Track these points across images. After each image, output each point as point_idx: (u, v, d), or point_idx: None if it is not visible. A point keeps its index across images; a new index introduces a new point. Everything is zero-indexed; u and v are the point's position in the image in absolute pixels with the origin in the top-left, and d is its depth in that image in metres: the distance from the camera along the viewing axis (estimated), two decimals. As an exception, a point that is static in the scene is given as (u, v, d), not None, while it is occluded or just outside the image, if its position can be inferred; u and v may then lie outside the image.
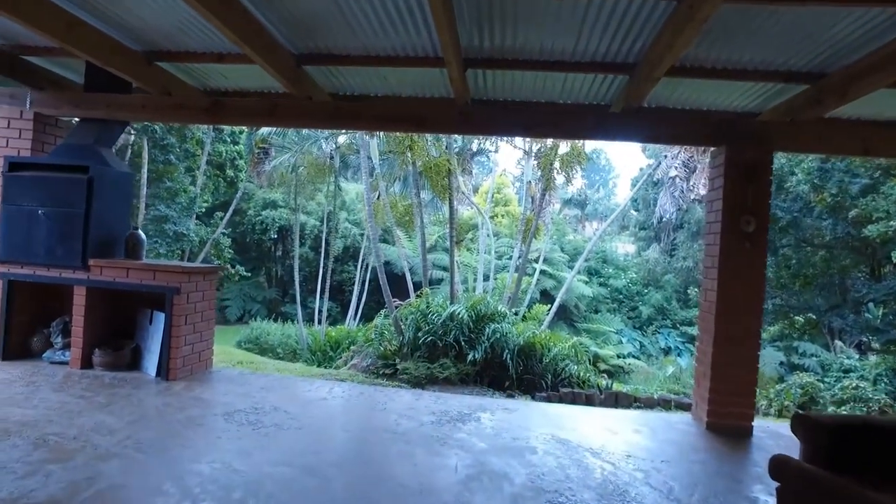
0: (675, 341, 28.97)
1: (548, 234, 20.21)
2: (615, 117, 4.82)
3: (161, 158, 15.30)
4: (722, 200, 4.41)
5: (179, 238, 15.45)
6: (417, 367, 7.09)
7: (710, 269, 4.55)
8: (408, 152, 7.99)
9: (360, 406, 4.56)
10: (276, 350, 18.06)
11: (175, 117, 5.78)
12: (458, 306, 7.64)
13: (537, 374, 7.47)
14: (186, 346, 5.01)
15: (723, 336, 4.36)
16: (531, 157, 11.79)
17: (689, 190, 14.73)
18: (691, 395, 7.83)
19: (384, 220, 13.42)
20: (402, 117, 5.23)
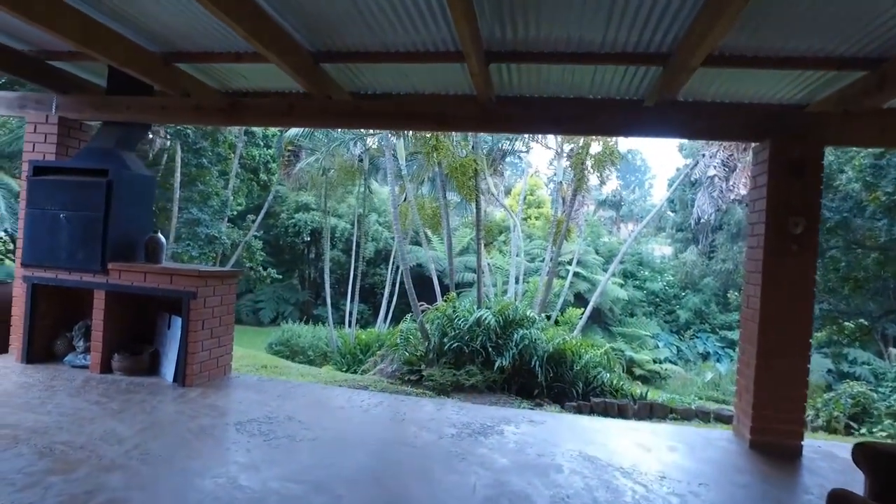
0: (714, 346, 28.03)
1: (581, 235, 19.73)
2: (649, 112, 4.52)
3: (194, 162, 15.54)
4: (766, 199, 4.06)
5: (212, 241, 15.64)
6: (443, 374, 6.88)
7: (753, 273, 4.20)
8: (433, 153, 7.80)
9: (379, 416, 4.37)
10: (306, 352, 18.12)
11: (194, 119, 5.73)
12: (485, 311, 7.40)
13: (567, 383, 7.17)
14: (203, 352, 4.92)
15: (767, 346, 4.01)
16: (562, 156, 11.45)
17: (728, 190, 14.10)
18: (732, 407, 7.40)
19: (412, 222, 13.28)
20: (424, 115, 5.04)
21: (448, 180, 8.57)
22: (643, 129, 4.59)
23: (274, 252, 30.29)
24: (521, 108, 4.80)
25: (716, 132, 4.56)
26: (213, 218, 15.96)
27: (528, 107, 4.80)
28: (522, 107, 4.81)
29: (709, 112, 4.53)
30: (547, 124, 4.76)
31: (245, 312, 29.08)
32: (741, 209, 29.64)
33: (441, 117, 4.94)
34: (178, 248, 15.12)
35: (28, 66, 5.17)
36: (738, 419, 4.31)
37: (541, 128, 5.01)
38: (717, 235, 32.05)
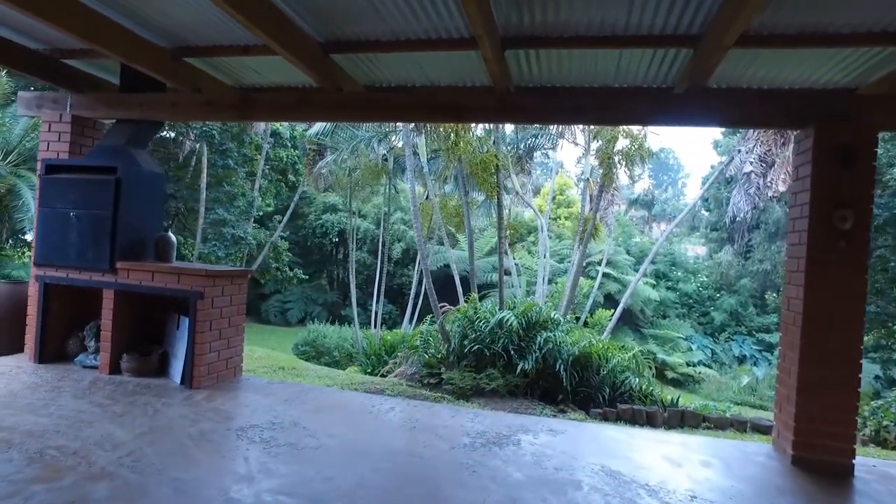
0: (751, 349, 27.08)
1: (611, 235, 19.21)
2: (678, 99, 4.19)
3: (220, 163, 15.65)
4: (809, 191, 3.70)
5: (238, 241, 15.73)
6: (463, 378, 6.63)
7: (795, 273, 3.83)
8: (453, 148, 7.54)
9: (390, 423, 4.15)
10: (332, 353, 18.10)
11: (205, 115, 5.60)
12: (507, 313, 7.11)
13: (594, 387, 6.83)
14: (211, 354, 4.78)
15: (812, 353, 3.65)
16: (589, 153, 11.07)
17: (766, 186, 13.44)
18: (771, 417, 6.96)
19: (436, 221, 13.08)
20: (438, 107, 4.80)
21: (469, 178, 8.32)
22: (673, 118, 4.26)
23: (302, 253, 30.56)
24: (541, 98, 4.51)
25: (753, 119, 4.19)
26: (238, 218, 16.05)
27: (548, 96, 4.51)
28: (542, 96, 4.52)
29: (745, 97, 4.16)
30: (568, 113, 4.46)
31: (273, 313, 29.41)
32: (780, 207, 28.57)
33: (457, 108, 4.70)
34: (204, 249, 15.25)
35: (42, 64, 5.13)
36: (779, 432, 3.94)
37: (562, 117, 4.70)
38: (754, 235, 30.96)
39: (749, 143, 13.47)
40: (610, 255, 23.38)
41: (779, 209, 28.48)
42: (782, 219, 29.42)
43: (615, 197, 16.84)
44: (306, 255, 30.45)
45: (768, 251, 29.07)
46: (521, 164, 16.12)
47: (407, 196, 18.09)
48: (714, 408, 6.85)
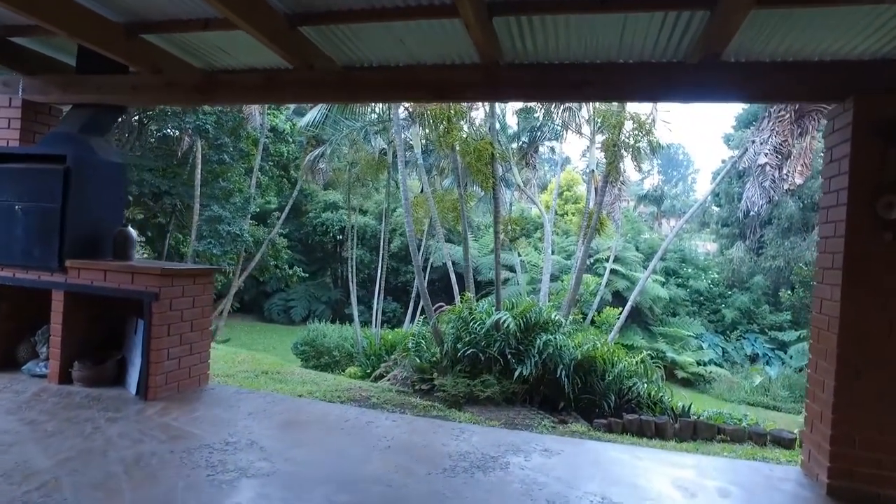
0: (763, 348, 26.36)
1: (619, 231, 18.60)
2: (692, 71, 3.65)
3: (215, 158, 15.23)
4: (848, 175, 3.15)
5: (234, 239, 15.31)
6: (456, 384, 6.12)
7: (829, 270, 3.29)
8: (445, 136, 7.02)
9: (363, 441, 3.65)
10: (332, 353, 17.67)
11: (167, 98, 5.13)
12: (504, 314, 6.58)
13: (598, 394, 6.30)
14: (170, 361, 4.31)
15: (851, 364, 3.11)
16: (594, 145, 10.50)
17: (781, 179, 12.80)
18: (786, 421, 6.40)
19: (428, 215, 12.60)
20: (420, 85, 4.28)
21: (466, 170, 7.79)
22: (687, 92, 3.72)
23: (305, 250, 30.22)
24: (534, 73, 3.97)
25: (780, 92, 3.62)
26: (235, 215, 15.63)
27: (541, 71, 3.98)
28: (535, 71, 3.98)
29: (769, 68, 3.60)
30: (563, 89, 3.93)
31: (276, 311, 29.13)
32: (793, 202, 27.76)
33: (441, 86, 4.18)
34: (200, 247, 14.84)
35: (-12, 43, 4.68)
36: (810, 455, 3.40)
37: (556, 93, 4.17)
38: (767, 230, 30.16)
39: (763, 133, 12.84)
40: (618, 251, 22.71)
41: (792, 204, 27.69)
42: (796, 214, 28.62)
43: (622, 192, 16.25)
44: (309, 253, 30.13)
45: (781, 247, 28.28)
46: (526, 157, 15.55)
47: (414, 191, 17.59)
48: (729, 416, 6.31)
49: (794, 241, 28.12)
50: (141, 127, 17.49)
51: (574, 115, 10.84)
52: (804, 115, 12.67)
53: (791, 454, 4.93)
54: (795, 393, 22.02)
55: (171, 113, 13.99)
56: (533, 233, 29.48)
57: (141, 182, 14.74)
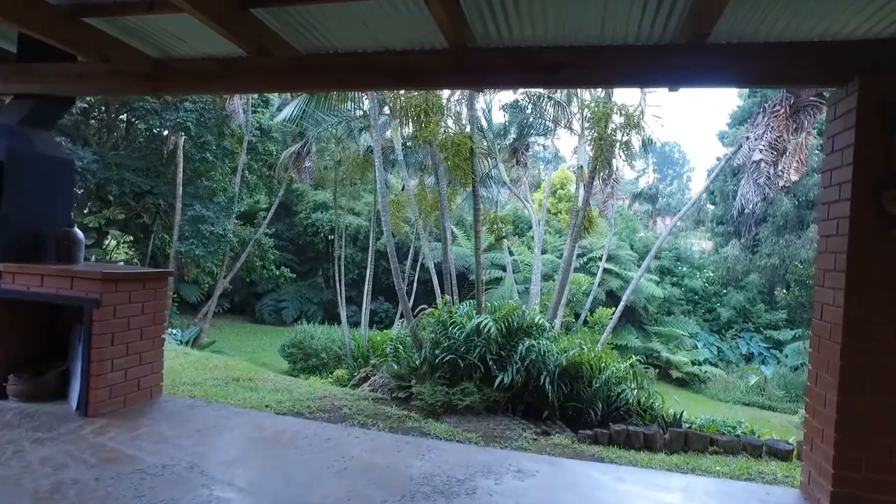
0: (759, 347, 26.12)
1: (612, 229, 18.28)
2: (677, 54, 3.32)
3: (198, 157, 14.84)
4: (852, 167, 2.82)
5: (218, 239, 14.93)
6: (434, 393, 5.78)
7: (831, 272, 2.96)
8: (422, 129, 6.67)
9: (316, 462, 3.31)
10: (319, 355, 17.32)
11: (116, 87, 4.76)
12: (485, 318, 6.23)
13: (585, 402, 5.97)
14: (115, 373, 3.95)
15: (856, 376, 2.78)
16: (584, 139, 10.15)
17: (776, 176, 12.51)
18: (788, 440, 6.08)
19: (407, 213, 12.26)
20: (384, 70, 3.93)
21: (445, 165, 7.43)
22: (671, 76, 3.38)
23: (296, 251, 29.85)
24: (506, 57, 3.63)
25: (775, 74, 3.27)
26: (219, 215, 15.24)
27: (514, 55, 3.63)
28: (507, 55, 3.64)
29: (764, 48, 3.26)
30: (538, 74, 3.57)
31: (267, 312, 28.74)
32: (788, 199, 27.52)
33: (405, 72, 3.84)
34: (182, 247, 14.45)
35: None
36: (810, 477, 3.08)
37: (530, 78, 3.81)
38: (762, 228, 29.93)
39: (758, 129, 12.54)
40: (612, 250, 22.38)
41: (787, 201, 27.48)
42: (791, 211, 28.40)
43: (615, 189, 15.93)
44: (300, 254, 29.80)
45: (776, 245, 28.06)
46: (517, 155, 15.21)
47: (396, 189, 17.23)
48: (723, 424, 6.00)
49: (790, 239, 27.88)
50: (129, 126, 17.11)
51: (563, 110, 10.48)
52: (799, 110, 12.40)
53: (789, 467, 4.61)
54: (791, 392, 21.79)
55: (151, 110, 13.61)
56: (526, 231, 29.19)
57: (122, 181, 14.35)
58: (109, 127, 16.28)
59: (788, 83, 5.88)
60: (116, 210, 14.84)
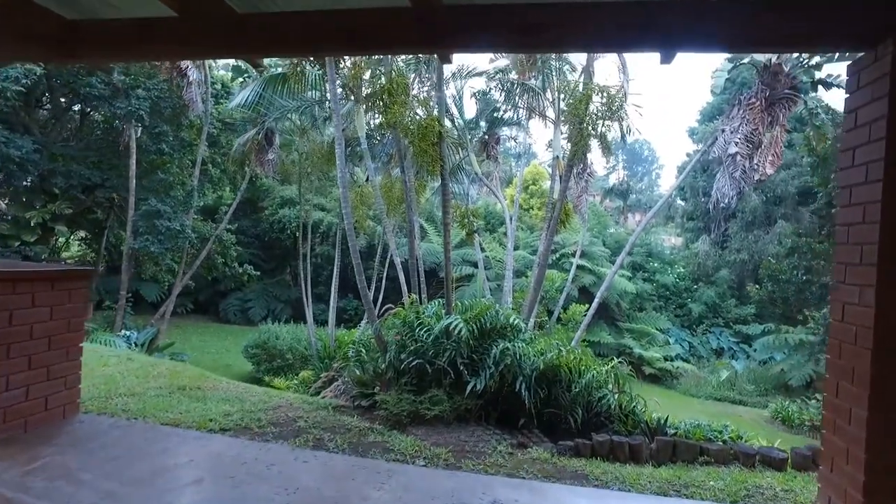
0: (729, 341, 26.34)
1: (585, 224, 17.98)
2: (677, 9, 2.85)
3: (153, 148, 13.94)
4: (884, 143, 2.39)
5: (175, 235, 14.06)
6: (399, 401, 5.24)
7: (857, 267, 2.53)
8: (385, 111, 6.08)
9: (253, 496, 2.75)
10: (284, 356, 16.62)
11: (23, 51, 4.09)
12: (455, 319, 5.70)
13: (564, 408, 5.52)
14: (12, 392, 3.31)
15: (890, 388, 2.35)
16: (558, 128, 9.71)
17: (752, 170, 12.33)
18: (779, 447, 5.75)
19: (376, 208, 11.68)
20: (336, 33, 3.37)
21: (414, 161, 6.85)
22: (666, 37, 2.90)
23: (263, 248, 28.94)
24: (476, 16, 3.10)
25: (791, 35, 2.81)
26: (176, 210, 14.37)
27: (486, 13, 3.10)
28: (478, 14, 3.11)
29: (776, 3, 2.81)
30: (512, 35, 3.04)
31: (233, 311, 27.76)
32: (756, 195, 27.76)
33: (354, 32, 3.28)
34: (135, 244, 13.56)
35: None
36: (830, 503, 2.65)
37: (504, 40, 3.24)
38: (731, 224, 30.19)
39: (734, 122, 12.33)
40: (584, 245, 22.14)
41: (755, 197, 27.75)
42: (759, 207, 28.69)
43: (589, 184, 15.62)
44: (267, 250, 28.96)
45: (745, 240, 28.37)
46: (487, 149, 14.76)
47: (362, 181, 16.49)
48: (708, 428, 5.62)
49: (758, 235, 28.17)
50: (83, 117, 16.06)
51: (538, 98, 10.00)
52: (774, 103, 12.25)
53: (785, 478, 4.24)
54: (760, 386, 21.95)
55: (99, 96, 12.66)
56: (498, 227, 28.82)
57: (69, 174, 13.38)
58: (56, 115, 15.23)
59: (805, 46, 5.42)
60: (63, 204, 13.86)
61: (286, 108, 9.68)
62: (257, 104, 9.72)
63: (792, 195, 28.90)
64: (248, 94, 9.08)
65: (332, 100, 6.02)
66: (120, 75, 12.85)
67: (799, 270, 14.52)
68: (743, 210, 28.87)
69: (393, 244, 8.29)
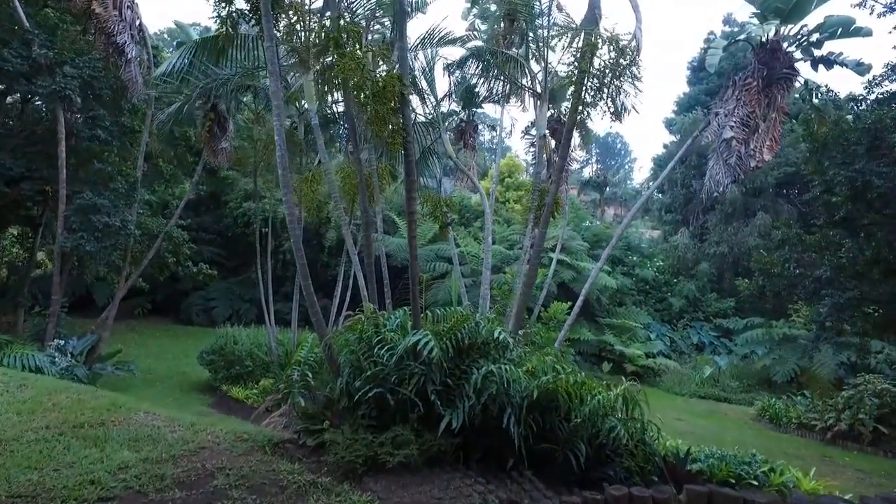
0: (709, 336, 25.90)
1: (565, 217, 16.98)
2: None
3: (87, 134, 12.36)
4: None
5: (115, 232, 12.53)
6: (353, 442, 4.03)
7: None
8: (331, 67, 4.80)
9: None
10: (244, 362, 15.25)
11: None
12: (423, 335, 4.45)
13: (563, 441, 4.40)
14: None
15: None
16: (545, 101, 8.52)
17: (748, 156, 11.38)
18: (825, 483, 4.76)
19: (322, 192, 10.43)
20: None
21: (369, 130, 5.52)
22: None
23: (226, 244, 27.46)
24: None
25: None
26: (117, 203, 12.83)
27: None
28: None
29: None
30: None
31: (195, 312, 26.31)
32: (735, 187, 27.23)
33: None
34: (67, 242, 12.01)
35: None
36: None
37: None
38: (710, 216, 29.66)
39: (728, 104, 11.37)
40: (564, 240, 21.18)
41: (734, 188, 27.25)
42: (738, 199, 28.24)
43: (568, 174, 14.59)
44: (231, 247, 27.52)
45: (725, 233, 27.95)
46: (464, 136, 13.67)
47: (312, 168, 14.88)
48: (734, 460, 4.58)
49: (737, 227, 27.72)
50: (1, 97, 14.28)
51: (521, 69, 8.71)
52: (772, 83, 11.33)
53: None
54: (744, 383, 21.44)
55: (17, 73, 11.05)
56: (473, 221, 27.76)
57: (-19, 163, 11.80)
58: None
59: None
60: (-22, 198, 12.22)
61: (220, 77, 8.29)
62: (187, 71, 8.34)
63: (771, 186, 28.51)
64: (176, 61, 7.67)
65: (269, 59, 4.75)
66: (42, 48, 11.25)
67: (790, 263, 13.70)
68: (722, 202, 28.42)
69: (349, 239, 7.01)
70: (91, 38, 12.47)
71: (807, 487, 4.60)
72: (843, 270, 12.74)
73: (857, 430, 14.54)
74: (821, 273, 12.98)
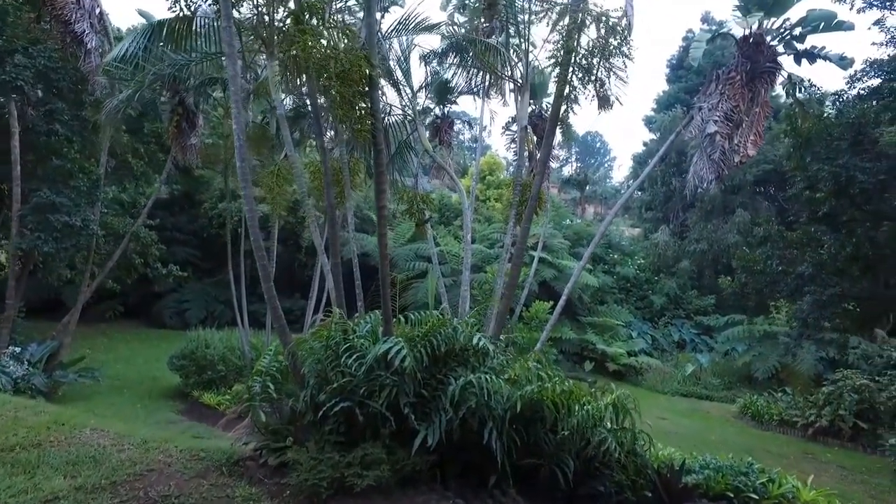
0: (690, 333, 25.89)
1: (547, 215, 16.71)
2: None
3: (44, 129, 11.69)
4: None
5: (76, 232, 11.89)
6: (317, 463, 3.62)
7: None
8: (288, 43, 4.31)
9: None
10: (216, 367, 14.66)
11: None
12: (395, 343, 4.03)
13: (549, 455, 4.05)
14: None
15: None
16: (526, 91, 8.16)
17: (732, 151, 11.20)
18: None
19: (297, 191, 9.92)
20: None
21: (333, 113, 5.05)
22: None
23: (200, 245, 26.72)
24: None
25: None
26: (77, 202, 12.17)
27: None
28: None
29: None
30: None
31: (168, 314, 25.51)
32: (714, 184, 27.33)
33: None
34: (22, 242, 11.34)
35: None
36: None
37: None
38: (690, 214, 29.74)
39: (712, 98, 11.15)
40: (546, 238, 20.93)
41: (713, 186, 27.33)
42: (718, 196, 28.32)
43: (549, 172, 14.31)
44: (206, 248, 26.78)
45: (705, 230, 27.97)
46: (440, 134, 13.29)
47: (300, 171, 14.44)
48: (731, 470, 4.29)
49: (717, 224, 27.79)
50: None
51: (502, 59, 8.25)
52: (755, 78, 11.16)
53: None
54: (726, 380, 21.44)
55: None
56: (453, 220, 27.44)
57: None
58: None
59: None
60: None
61: (177, 62, 7.75)
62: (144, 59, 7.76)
63: (749, 183, 28.64)
64: (128, 46, 7.11)
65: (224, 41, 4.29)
66: (-10, 36, 10.58)
67: (773, 260, 13.58)
68: (702, 199, 28.47)
69: (317, 238, 6.55)
70: (47, 25, 11.80)
71: (806, 498, 4.32)
72: (824, 267, 12.67)
73: (838, 426, 14.52)
74: (803, 270, 12.90)
